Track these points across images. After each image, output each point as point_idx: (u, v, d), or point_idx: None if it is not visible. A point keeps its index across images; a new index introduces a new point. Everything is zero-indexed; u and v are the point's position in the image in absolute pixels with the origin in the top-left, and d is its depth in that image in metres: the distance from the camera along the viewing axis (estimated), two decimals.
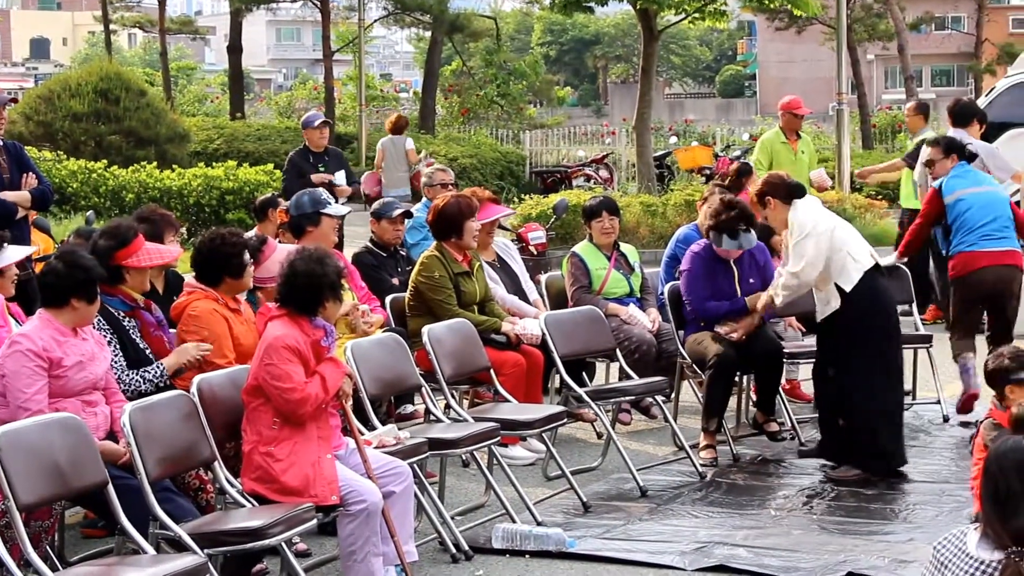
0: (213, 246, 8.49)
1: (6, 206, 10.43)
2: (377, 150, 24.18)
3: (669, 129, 40.88)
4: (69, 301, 7.37)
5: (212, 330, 8.32)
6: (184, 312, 8.40)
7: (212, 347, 8.09)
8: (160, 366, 7.96)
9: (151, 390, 7.77)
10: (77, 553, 8.03)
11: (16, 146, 11.06)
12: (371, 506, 7.16)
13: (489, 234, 11.14)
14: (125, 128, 28.07)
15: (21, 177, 10.71)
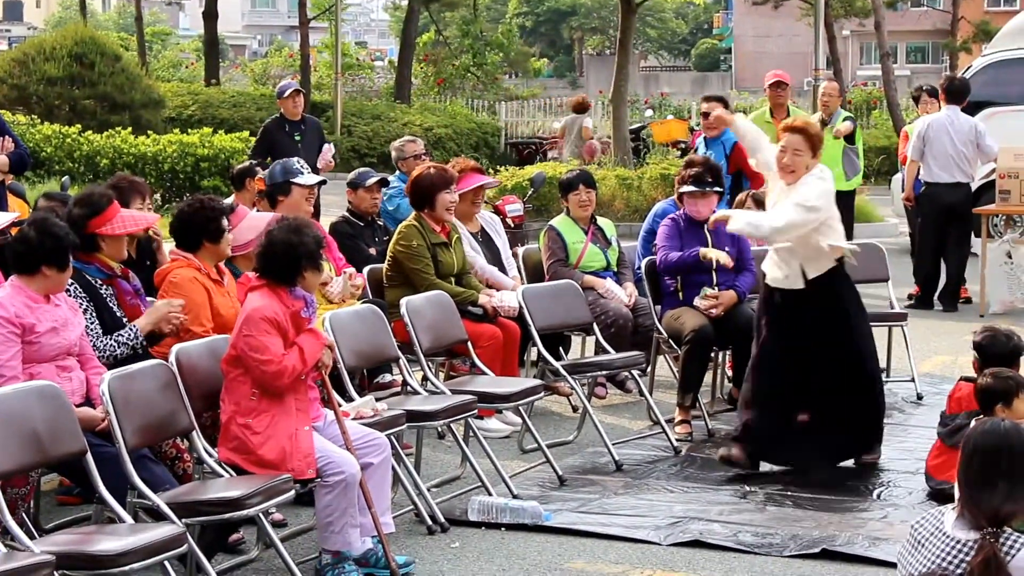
0: (192, 211, 8.49)
1: None
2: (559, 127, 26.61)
3: (645, 102, 40.89)
4: (40, 268, 7.34)
5: (191, 298, 8.30)
6: (166, 279, 8.41)
7: (184, 303, 8.04)
8: (134, 328, 7.93)
9: (127, 353, 7.76)
10: (52, 520, 8.02)
11: None
12: (349, 477, 7.17)
13: (474, 204, 11.11)
14: (100, 93, 27.98)
15: None
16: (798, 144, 9.05)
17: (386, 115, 34.48)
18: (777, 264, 9.21)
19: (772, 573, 7.45)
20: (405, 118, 34.11)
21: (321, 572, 7.24)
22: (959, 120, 15.19)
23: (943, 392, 11.18)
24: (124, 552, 6.06)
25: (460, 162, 11.27)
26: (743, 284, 10.45)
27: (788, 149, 9.08)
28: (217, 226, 8.44)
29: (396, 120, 33.88)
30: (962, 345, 13.04)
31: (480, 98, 40.84)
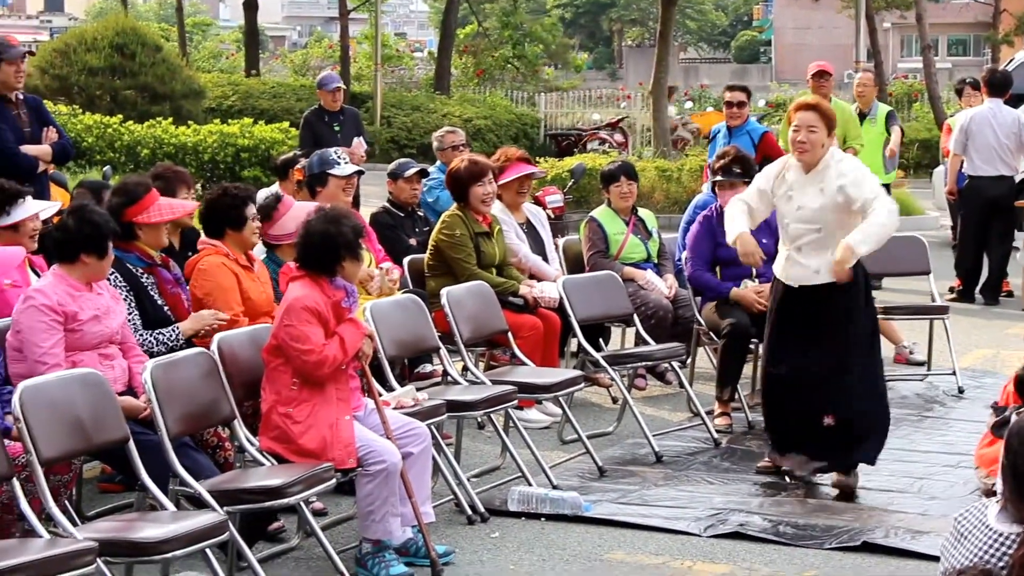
0: (214, 198, 8.57)
1: (28, 160, 10.46)
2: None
3: (684, 94, 40.80)
4: (79, 256, 7.38)
5: (218, 283, 8.36)
6: (195, 267, 8.46)
7: (228, 317, 8.09)
8: (176, 329, 7.97)
9: (163, 351, 7.77)
10: (94, 507, 8.06)
11: (36, 100, 11.09)
12: (390, 466, 7.18)
13: (519, 193, 11.05)
14: (140, 83, 28.02)
15: (42, 131, 10.75)
16: (812, 121, 8.61)
17: (425, 106, 34.48)
18: (801, 261, 8.66)
19: (813, 565, 7.43)
20: (444, 109, 34.09)
21: (362, 561, 7.25)
22: (1002, 113, 15.11)
23: (984, 386, 11.22)
24: (166, 539, 6.10)
25: (507, 151, 11.24)
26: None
27: (802, 127, 8.62)
28: (239, 214, 8.49)
29: (435, 111, 33.86)
30: (1004, 339, 13.04)
31: (520, 89, 40.82)
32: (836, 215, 8.58)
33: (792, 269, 8.73)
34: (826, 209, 8.58)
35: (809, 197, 8.62)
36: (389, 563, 7.19)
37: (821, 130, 8.61)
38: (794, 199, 8.68)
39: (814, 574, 7.32)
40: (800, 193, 8.66)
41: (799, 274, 8.69)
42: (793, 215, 8.68)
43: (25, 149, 10.53)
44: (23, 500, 6.21)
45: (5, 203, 8.27)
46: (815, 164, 8.62)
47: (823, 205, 8.58)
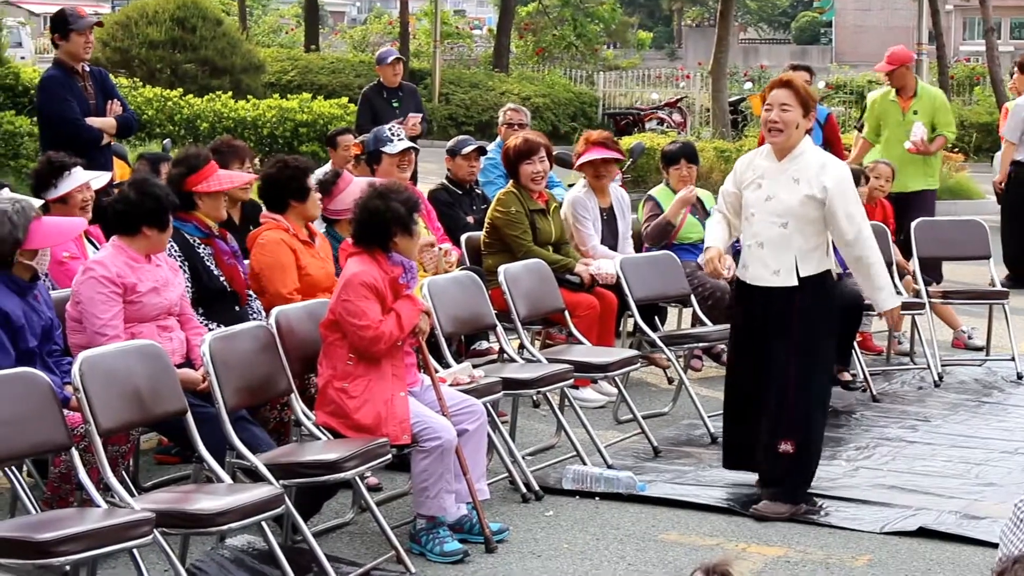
0: (275, 171, 8.59)
1: (92, 132, 10.52)
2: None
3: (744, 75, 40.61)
4: (140, 229, 7.43)
5: (276, 259, 8.40)
6: (255, 241, 8.50)
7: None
8: None
9: None
10: (151, 478, 8.11)
11: (102, 72, 11.12)
12: (445, 443, 7.18)
13: (597, 176, 10.94)
14: (201, 57, 28.13)
15: (106, 104, 10.79)
16: (785, 99, 7.82)
17: (484, 84, 34.44)
18: (762, 260, 7.92)
19: (867, 549, 7.40)
20: (503, 87, 34.05)
21: (416, 537, 7.26)
22: None
23: None
24: (222, 511, 6.12)
25: (588, 134, 11.09)
26: (840, 260, 10.34)
27: (775, 105, 7.85)
28: (301, 185, 8.52)
29: (494, 89, 33.83)
30: None
31: (579, 68, 40.74)
32: (806, 211, 7.84)
33: (752, 266, 7.99)
34: (797, 204, 7.85)
35: (781, 186, 7.87)
36: (443, 539, 7.20)
37: (795, 109, 7.83)
38: (764, 188, 7.93)
39: (869, 559, 7.29)
40: (771, 182, 7.92)
41: (759, 273, 7.95)
42: (760, 206, 7.92)
43: (90, 121, 10.59)
44: (82, 470, 6.24)
45: (52, 176, 8.32)
46: (789, 149, 7.88)
47: (795, 198, 7.84)
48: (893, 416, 10.05)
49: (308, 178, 8.58)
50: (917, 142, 13.28)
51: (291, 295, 8.28)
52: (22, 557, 5.54)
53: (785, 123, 7.83)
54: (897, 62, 13.72)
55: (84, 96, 10.71)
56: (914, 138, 13.32)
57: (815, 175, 7.82)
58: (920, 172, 13.39)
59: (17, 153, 19.63)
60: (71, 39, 10.66)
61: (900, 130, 13.44)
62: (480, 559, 7.21)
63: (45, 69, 11.73)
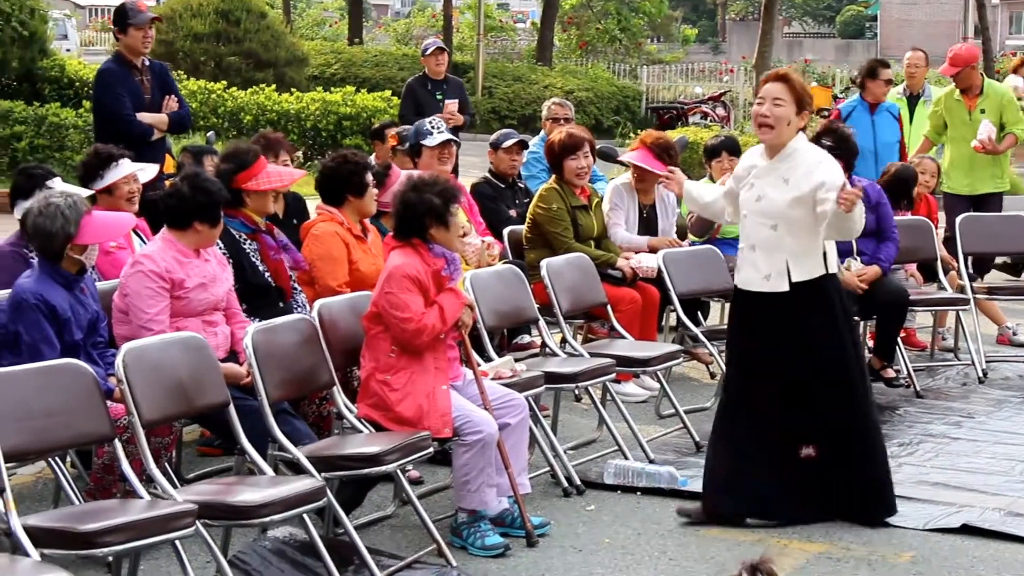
0: (335, 165, 8.61)
1: (141, 127, 10.50)
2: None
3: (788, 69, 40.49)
4: (192, 223, 7.44)
5: (328, 251, 8.44)
6: (309, 231, 8.52)
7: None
8: None
9: None
10: (193, 470, 8.14)
11: (162, 67, 11.11)
12: (487, 437, 7.18)
13: (641, 181, 10.79)
14: (245, 50, 28.22)
15: (163, 99, 10.78)
16: (777, 92, 7.40)
17: (527, 77, 34.44)
18: (754, 263, 7.55)
19: (911, 546, 7.36)
20: (546, 81, 34.05)
21: (457, 530, 7.26)
22: None
23: None
24: (264, 503, 6.13)
25: (648, 135, 11.03)
26: (886, 255, 10.32)
27: (767, 98, 7.44)
28: (360, 180, 8.54)
29: (537, 82, 33.82)
30: None
31: (622, 62, 40.69)
32: (795, 213, 7.42)
33: (745, 270, 7.62)
34: (787, 204, 7.43)
35: (770, 186, 7.49)
36: (484, 533, 7.20)
37: (788, 105, 7.40)
38: (755, 187, 7.55)
39: (912, 555, 7.25)
40: (762, 181, 7.53)
41: (750, 276, 7.58)
42: (751, 206, 7.55)
43: (140, 117, 10.56)
44: (125, 461, 6.27)
45: (99, 167, 8.35)
46: (780, 147, 7.47)
47: (784, 199, 7.43)
48: (937, 412, 10.00)
49: (367, 174, 8.60)
50: (984, 141, 12.77)
51: (340, 288, 8.31)
52: (66, 548, 5.57)
53: (776, 118, 7.41)
54: (962, 63, 13.06)
55: (139, 90, 10.69)
56: (981, 136, 12.82)
57: (805, 175, 7.39)
58: (988, 174, 12.94)
59: (63, 145, 19.75)
60: (129, 33, 10.68)
61: (967, 129, 12.95)
62: (521, 553, 7.21)
63: (103, 61, 11.75)
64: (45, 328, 6.90)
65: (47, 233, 6.98)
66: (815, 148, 7.65)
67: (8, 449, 5.68)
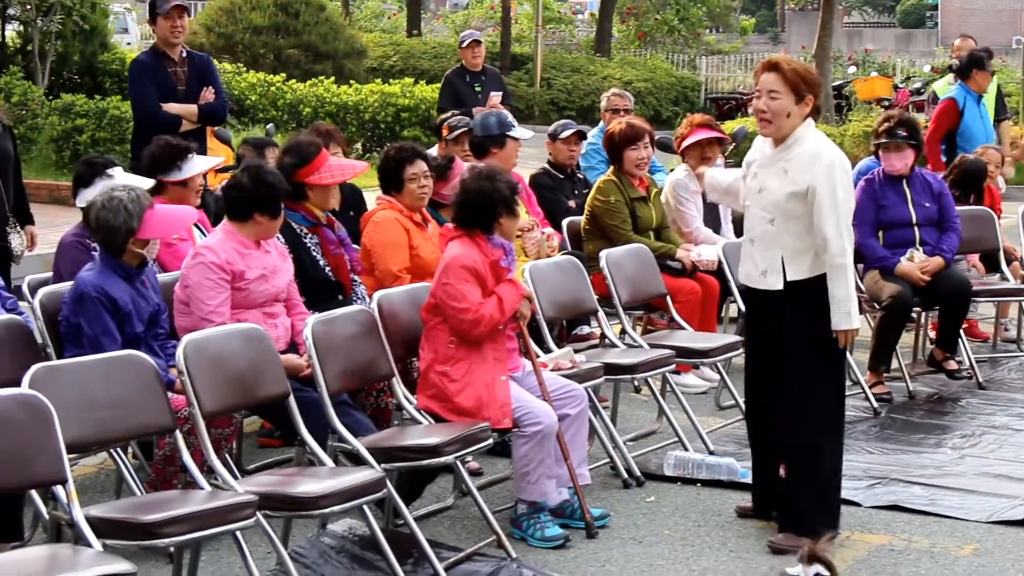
0: (395, 153, 8.72)
1: (167, 118, 10.46)
2: None
3: (848, 58, 40.27)
4: (253, 215, 7.46)
5: (389, 238, 8.48)
6: (370, 220, 8.57)
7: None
8: None
9: None
10: (253, 462, 8.17)
11: (203, 59, 11.08)
12: (546, 428, 7.17)
13: (703, 159, 10.61)
14: (304, 42, 28.29)
15: (200, 90, 10.78)
16: (772, 84, 7.00)
17: (585, 68, 34.39)
18: (752, 257, 7.22)
19: (973, 538, 7.31)
20: (605, 72, 33.98)
21: (517, 522, 7.26)
22: None
23: None
24: (324, 495, 6.13)
25: (692, 118, 11.04)
26: (948, 245, 10.24)
27: (763, 91, 7.05)
28: (396, 175, 8.59)
29: (596, 73, 33.76)
30: None
31: (681, 52, 40.58)
32: (791, 207, 7.02)
33: (744, 264, 7.34)
34: (783, 198, 7.06)
35: (771, 177, 7.11)
36: (544, 524, 7.19)
37: (785, 96, 7.00)
38: (758, 177, 7.21)
39: (974, 548, 7.20)
40: (765, 171, 7.17)
41: (747, 271, 7.29)
42: (754, 197, 7.22)
43: (167, 107, 10.55)
44: (186, 452, 6.29)
45: (176, 158, 8.38)
46: (783, 138, 7.07)
47: (783, 192, 7.05)
48: (1000, 404, 9.92)
49: (404, 169, 8.60)
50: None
51: (400, 274, 8.33)
52: (128, 538, 5.59)
53: (774, 112, 7.00)
54: None
55: (172, 81, 10.69)
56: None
57: (804, 167, 6.99)
58: None
59: (123, 138, 19.81)
60: (158, 23, 10.70)
61: None
62: (581, 544, 7.20)
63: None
64: (106, 321, 6.94)
65: (110, 227, 7.02)
66: (819, 138, 7.13)
67: (71, 440, 5.71)
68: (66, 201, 16.62)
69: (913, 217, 10.21)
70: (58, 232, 8.42)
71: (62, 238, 8.06)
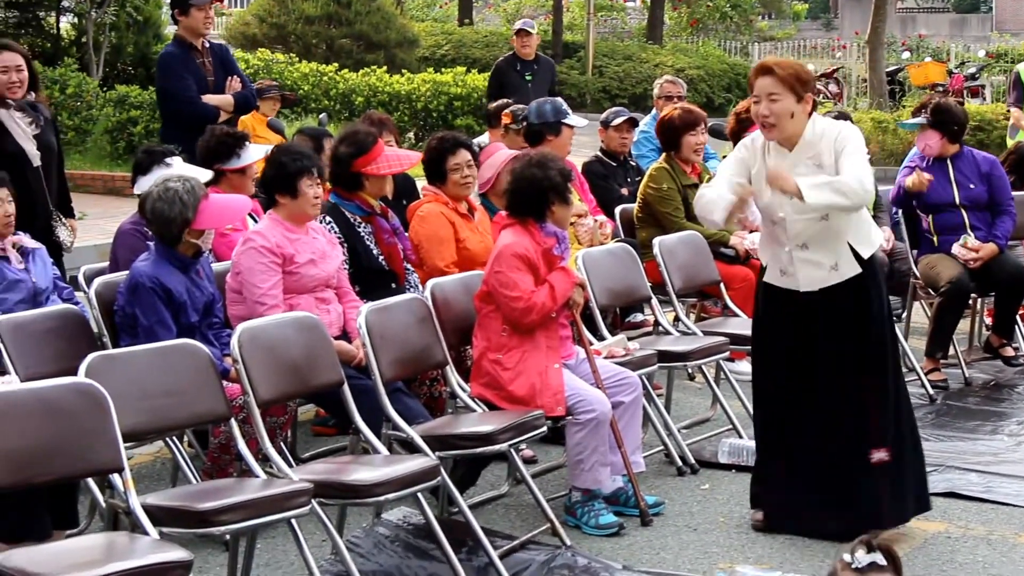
0: (437, 143, 8.70)
1: (208, 109, 10.49)
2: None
3: (902, 44, 40.03)
4: (275, 198, 7.52)
5: (435, 232, 8.46)
6: (415, 213, 8.55)
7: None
8: None
9: None
10: (308, 450, 8.19)
11: (223, 48, 11.12)
12: (600, 415, 7.16)
13: None
14: (356, 32, 28.30)
15: (226, 80, 10.81)
16: (770, 87, 6.86)
17: (637, 56, 34.25)
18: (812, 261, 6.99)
19: None
20: (657, 59, 33.84)
21: (571, 509, 7.26)
22: None
23: None
24: (379, 482, 6.14)
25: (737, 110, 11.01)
26: (1002, 230, 10.16)
27: (762, 96, 6.89)
28: (439, 166, 8.59)
29: (647, 61, 33.63)
30: None
31: (733, 39, 40.43)
32: None
33: (803, 271, 7.02)
34: None
35: (805, 177, 6.87)
36: (598, 512, 7.19)
37: (785, 96, 6.85)
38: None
39: None
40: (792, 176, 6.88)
41: (812, 275, 7.00)
42: (790, 206, 6.91)
43: (206, 99, 10.58)
44: (241, 440, 6.32)
45: (235, 146, 8.41)
46: (796, 137, 6.93)
47: None
48: None
49: (446, 159, 8.59)
50: None
51: (448, 268, 8.32)
52: (184, 526, 5.62)
53: (776, 115, 6.87)
54: None
55: (202, 72, 10.71)
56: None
57: (829, 148, 6.87)
58: None
59: None
60: (191, 14, 10.68)
61: None
62: (636, 532, 7.19)
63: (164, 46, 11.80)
64: (161, 311, 6.98)
65: (166, 218, 7.07)
66: (827, 121, 7.07)
67: (127, 429, 5.73)
68: (121, 192, 16.73)
69: (956, 198, 10.13)
70: (112, 222, 8.48)
71: (120, 225, 8.12)
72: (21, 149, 8.78)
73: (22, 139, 8.83)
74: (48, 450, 5.45)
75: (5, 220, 7.49)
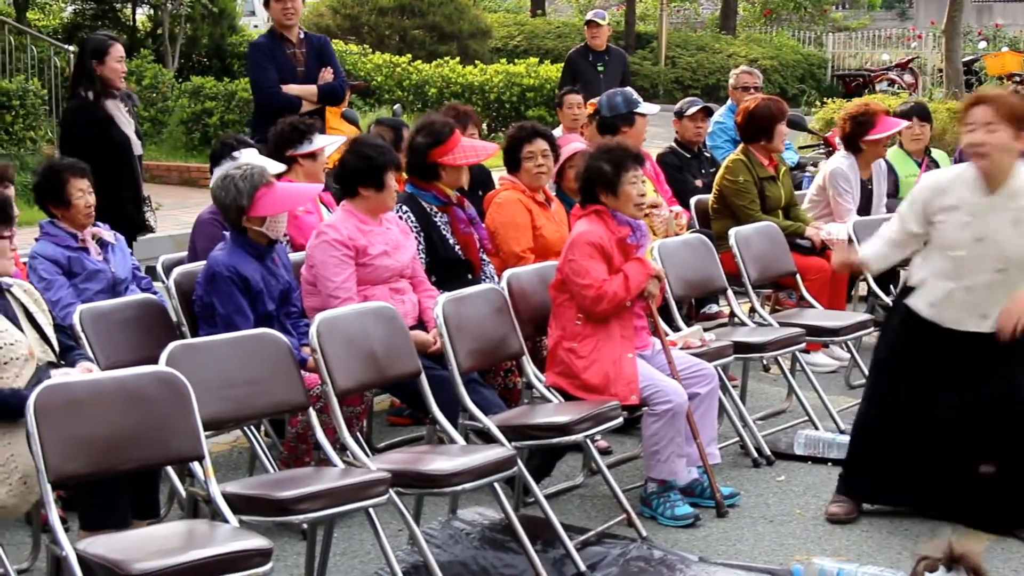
0: (515, 132, 8.76)
1: (285, 99, 10.52)
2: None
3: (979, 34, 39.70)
4: (358, 190, 7.52)
5: (512, 218, 8.49)
6: (492, 201, 8.60)
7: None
8: None
9: None
10: (383, 440, 8.21)
11: (320, 40, 11.13)
12: (676, 407, 7.15)
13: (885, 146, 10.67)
14: (429, 23, 28.39)
15: (319, 71, 10.84)
16: (987, 116, 6.63)
17: (711, 46, 34.16)
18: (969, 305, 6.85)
19: None
20: (730, 49, 33.74)
21: (647, 500, 7.25)
22: None
23: None
24: (456, 472, 6.15)
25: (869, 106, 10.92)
26: None
27: (978, 125, 6.66)
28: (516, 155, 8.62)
29: (721, 51, 33.54)
30: None
31: (807, 30, 40.22)
32: None
33: (952, 310, 6.90)
34: (1018, 250, 6.75)
35: (997, 228, 6.73)
36: (674, 503, 7.18)
37: (1003, 129, 6.62)
38: (974, 225, 6.76)
39: None
40: (981, 220, 6.75)
41: (958, 317, 6.89)
42: (971, 246, 6.77)
43: (286, 89, 10.60)
44: (319, 429, 6.35)
45: (306, 133, 8.45)
46: (1002, 179, 6.69)
47: (1013, 244, 6.74)
48: None
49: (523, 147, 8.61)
50: None
51: (524, 254, 8.34)
52: (263, 514, 5.65)
53: (992, 146, 6.63)
54: None
55: (291, 62, 10.73)
56: None
57: None
58: None
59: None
60: (271, 7, 10.78)
61: None
62: (711, 523, 7.18)
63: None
64: (239, 300, 7.02)
65: (222, 205, 7.17)
66: None
67: (207, 417, 5.77)
68: (196, 182, 16.86)
69: None
70: (188, 212, 8.56)
71: (199, 215, 8.18)
72: (127, 138, 8.89)
73: (127, 128, 8.95)
74: (130, 438, 5.51)
75: (86, 211, 7.57)
